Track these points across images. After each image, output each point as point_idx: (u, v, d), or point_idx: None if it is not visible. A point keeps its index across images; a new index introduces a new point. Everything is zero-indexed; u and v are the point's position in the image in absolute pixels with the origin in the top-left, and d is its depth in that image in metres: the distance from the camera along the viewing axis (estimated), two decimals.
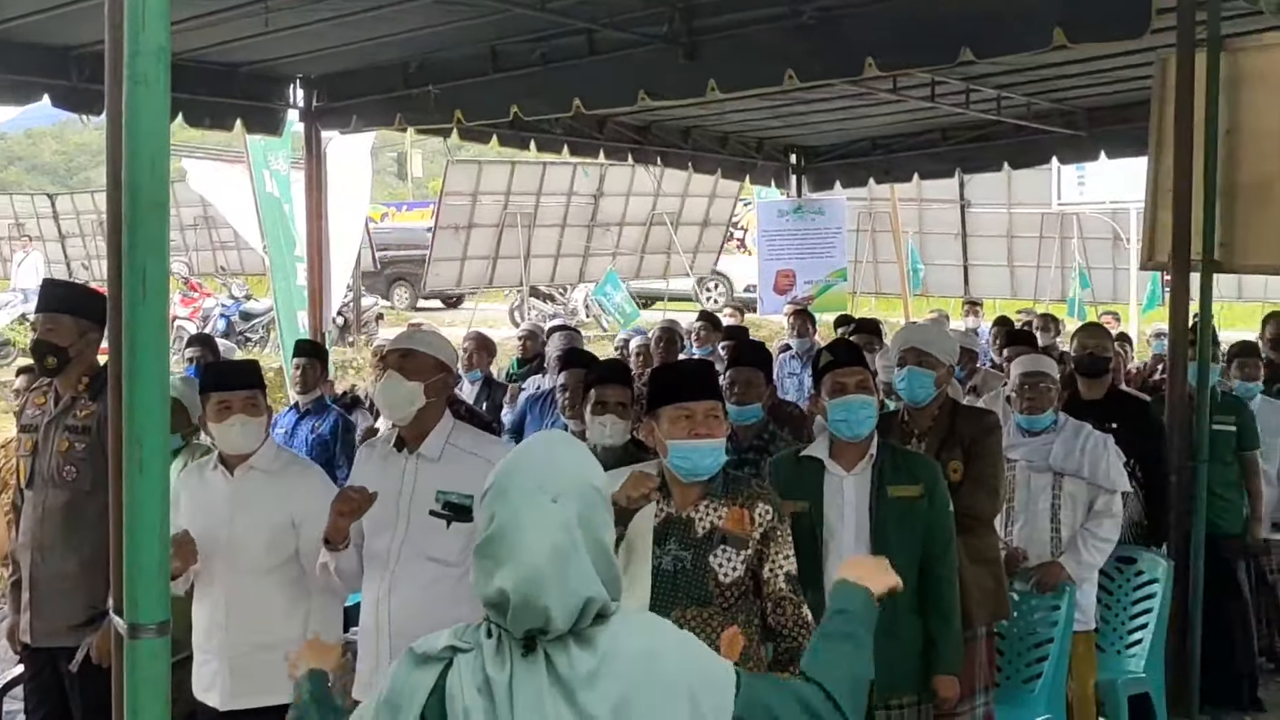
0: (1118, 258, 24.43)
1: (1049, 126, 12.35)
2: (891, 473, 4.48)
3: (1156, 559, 6.26)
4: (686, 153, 13.63)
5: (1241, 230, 6.97)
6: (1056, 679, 5.53)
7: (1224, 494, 7.09)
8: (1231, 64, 6.94)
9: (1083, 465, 5.69)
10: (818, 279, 15.67)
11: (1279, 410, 7.76)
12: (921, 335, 5.32)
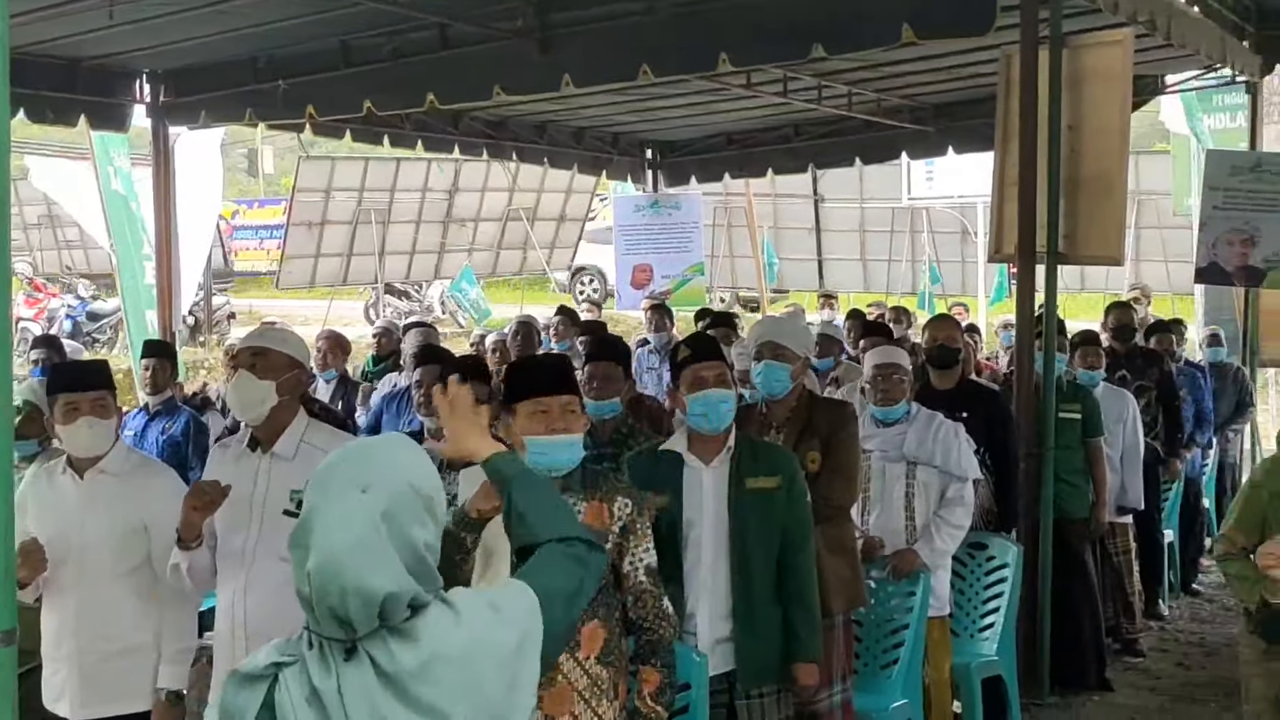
0: (966, 251, 24.92)
1: (899, 122, 12.56)
2: (750, 465, 4.51)
3: (1006, 544, 6.40)
4: (542, 148, 13.60)
5: (1084, 223, 7.17)
6: (912, 664, 5.63)
7: (1070, 480, 7.28)
8: (1073, 61, 7.13)
9: (935, 454, 5.80)
10: (675, 274, 15.73)
11: (1121, 398, 8.00)
12: (777, 329, 5.37)
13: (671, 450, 4.60)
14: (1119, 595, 8.04)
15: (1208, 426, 9.69)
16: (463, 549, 3.67)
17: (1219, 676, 7.53)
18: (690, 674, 4.27)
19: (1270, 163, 10.12)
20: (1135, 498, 8.01)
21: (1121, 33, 7.39)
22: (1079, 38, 7.37)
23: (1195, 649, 8.21)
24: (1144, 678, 7.63)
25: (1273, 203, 9.82)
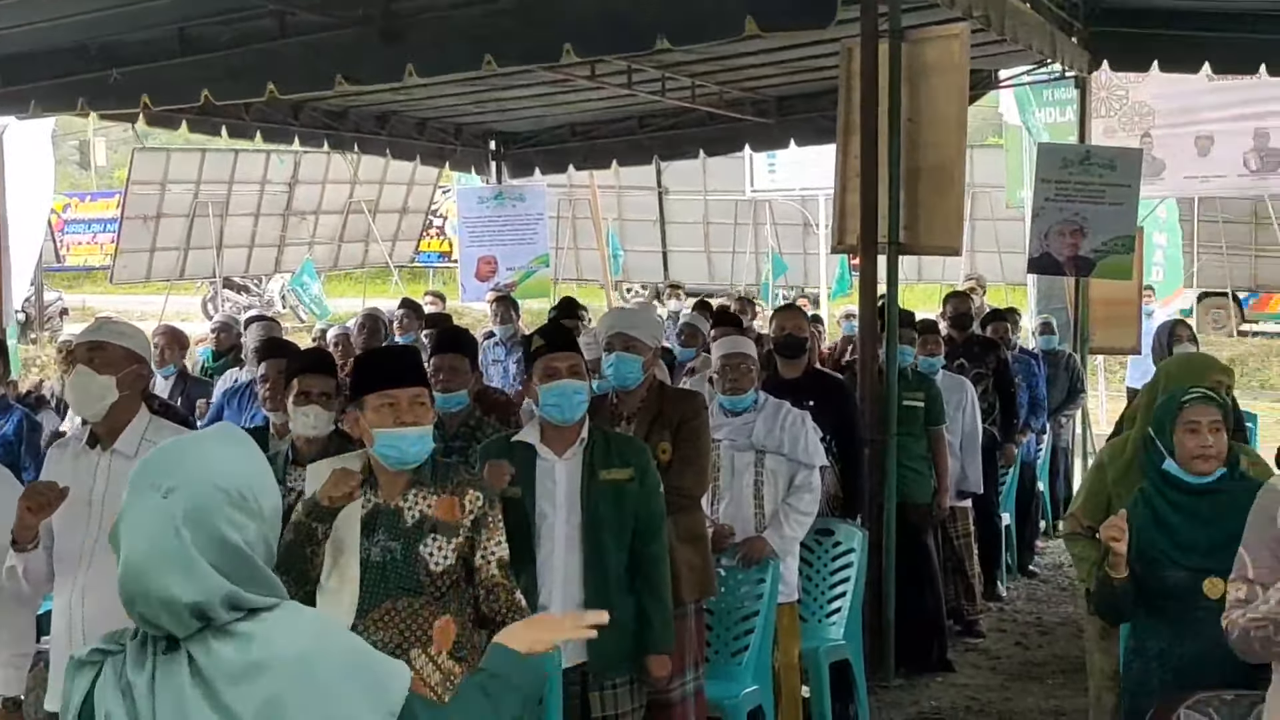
0: (808, 243, 25.30)
1: (742, 115, 12.67)
2: (602, 456, 4.51)
3: (853, 530, 6.50)
4: (384, 139, 13.43)
5: (924, 214, 7.32)
6: (762, 651, 5.68)
7: (913, 466, 7.43)
8: (912, 54, 7.27)
9: (783, 442, 5.86)
10: (520, 265, 15.66)
11: (959, 385, 8.18)
12: (629, 320, 5.37)
13: (524, 442, 4.58)
14: (959, 578, 8.22)
15: (1042, 412, 9.95)
16: (314, 540, 3.62)
17: (1055, 654, 7.77)
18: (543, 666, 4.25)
19: (1099, 156, 10.43)
20: (974, 482, 8.21)
21: (958, 27, 7.54)
22: (917, 32, 7.52)
23: (1032, 628, 8.44)
24: (984, 658, 7.81)
25: (1101, 195, 10.13)
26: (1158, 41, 10.80)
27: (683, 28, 7.36)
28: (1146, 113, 15.24)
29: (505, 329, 10.41)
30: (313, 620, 2.26)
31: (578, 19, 7.60)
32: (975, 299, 11.73)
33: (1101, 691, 4.94)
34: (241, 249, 23.81)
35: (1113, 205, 10.13)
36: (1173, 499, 4.06)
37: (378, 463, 3.78)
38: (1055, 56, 10.14)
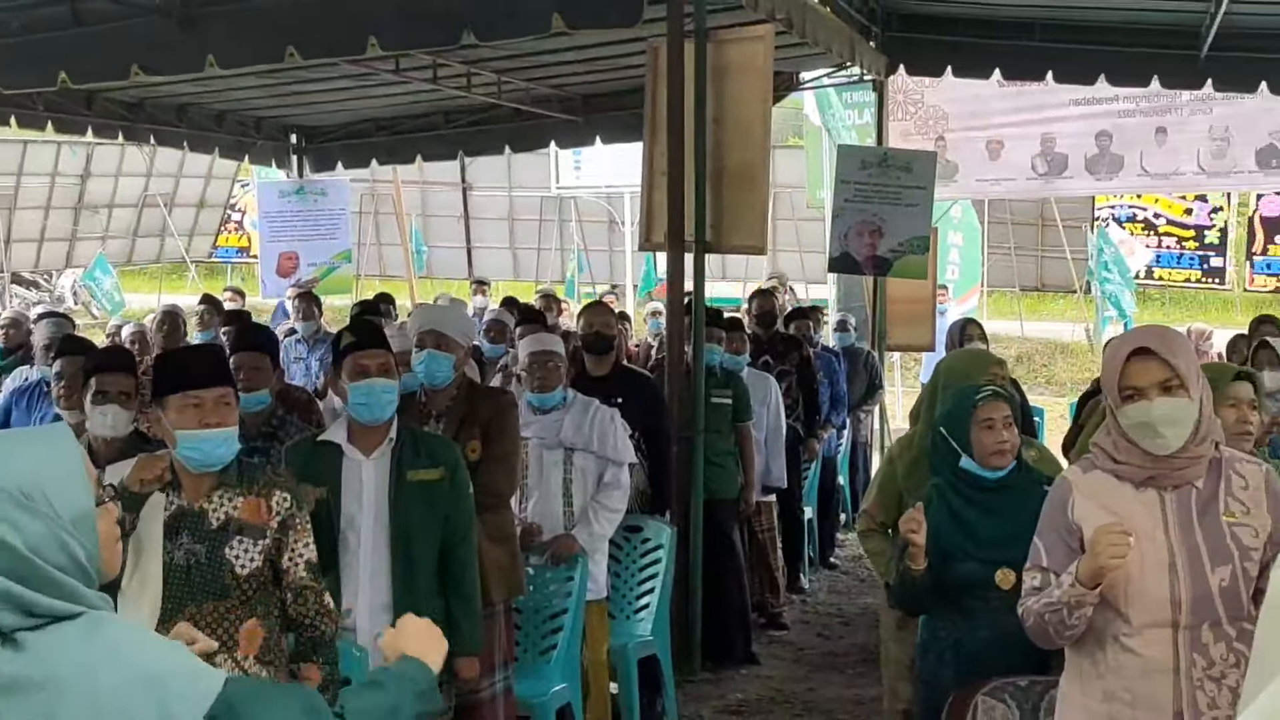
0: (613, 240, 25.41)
1: (548, 111, 12.66)
2: (411, 456, 4.45)
3: (661, 526, 6.54)
4: (181, 131, 13.08)
5: (729, 213, 7.41)
6: (571, 648, 5.68)
7: (720, 462, 7.50)
8: (717, 54, 7.36)
9: (592, 440, 5.86)
10: (322, 261, 15.40)
11: (764, 381, 8.29)
12: (440, 317, 5.33)
13: (330, 441, 4.50)
14: (764, 571, 8.34)
15: (842, 408, 10.14)
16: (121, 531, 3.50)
17: (855, 644, 7.95)
18: (351, 670, 4.19)
19: (895, 158, 10.71)
20: (779, 477, 8.33)
21: (762, 29, 7.66)
22: (722, 33, 7.61)
23: (834, 619, 8.62)
24: (788, 649, 7.95)
25: (897, 196, 10.39)
26: (951, 48, 11.15)
27: (489, 23, 7.32)
28: (941, 117, 15.71)
29: (307, 326, 10.21)
30: (114, 634, 2.11)
31: (383, 12, 7.49)
32: (779, 297, 11.91)
33: (896, 682, 5.06)
34: (31, 243, 22.98)
35: (909, 206, 10.41)
36: (967, 494, 4.18)
37: (181, 464, 3.69)
38: (854, 60, 10.39)
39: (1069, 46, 10.87)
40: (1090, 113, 15.48)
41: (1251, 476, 3.18)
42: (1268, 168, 15.48)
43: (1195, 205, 23.83)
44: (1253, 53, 10.57)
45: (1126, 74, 11.22)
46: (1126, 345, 3.19)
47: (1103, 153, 15.76)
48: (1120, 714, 3.10)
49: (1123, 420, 3.13)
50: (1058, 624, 3.10)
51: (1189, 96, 14.68)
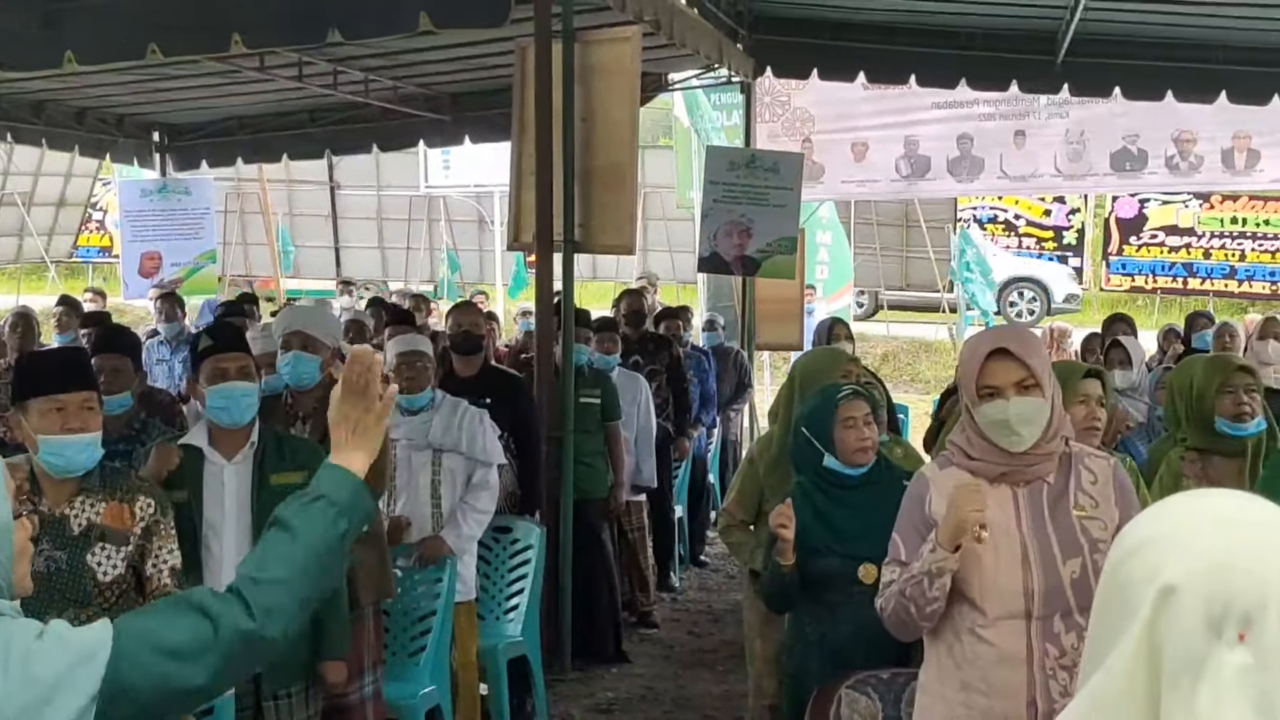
0: (483, 240, 25.32)
1: (416, 110, 12.58)
2: (275, 459, 4.39)
3: (530, 526, 6.54)
4: (39, 128, 12.74)
5: (598, 213, 7.43)
6: (440, 650, 5.66)
7: (590, 461, 7.53)
8: (585, 55, 7.37)
9: (460, 441, 5.84)
10: (185, 262, 15.12)
11: (634, 381, 8.33)
12: (306, 318, 5.27)
13: (191, 445, 4.42)
14: (634, 570, 8.39)
15: (712, 407, 10.23)
16: None
17: (725, 641, 8.02)
18: None
19: (763, 159, 10.82)
20: (649, 477, 8.38)
21: (629, 30, 7.69)
22: (590, 33, 7.63)
23: (704, 616, 8.69)
24: (658, 647, 8.00)
25: (765, 197, 10.49)
26: (817, 51, 11.30)
27: (355, 22, 7.26)
28: (807, 119, 15.91)
29: (170, 327, 10.02)
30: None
31: (247, 9, 7.40)
32: (648, 297, 11.97)
33: (762, 677, 5.13)
34: None
35: (776, 207, 10.52)
36: (829, 491, 4.26)
37: (42, 470, 3.61)
38: (722, 62, 10.48)
39: (931, 51, 11.08)
40: (952, 116, 15.79)
41: (1100, 471, 3.28)
42: (1121, 170, 15.93)
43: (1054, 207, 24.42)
44: (1107, 58, 10.88)
45: (986, 78, 11.47)
46: (984, 345, 3.27)
47: (964, 155, 16.08)
48: (976, 703, 3.18)
49: (980, 419, 3.21)
50: (918, 597, 3.16)
51: (1046, 100, 15.04)
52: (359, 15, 7.22)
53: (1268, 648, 1.21)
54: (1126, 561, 1.32)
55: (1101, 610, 1.35)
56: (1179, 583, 1.25)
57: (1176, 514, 1.34)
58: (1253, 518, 1.30)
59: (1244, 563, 1.24)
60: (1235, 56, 10.75)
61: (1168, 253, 23.78)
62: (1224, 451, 4.65)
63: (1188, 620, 1.24)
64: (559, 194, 7.14)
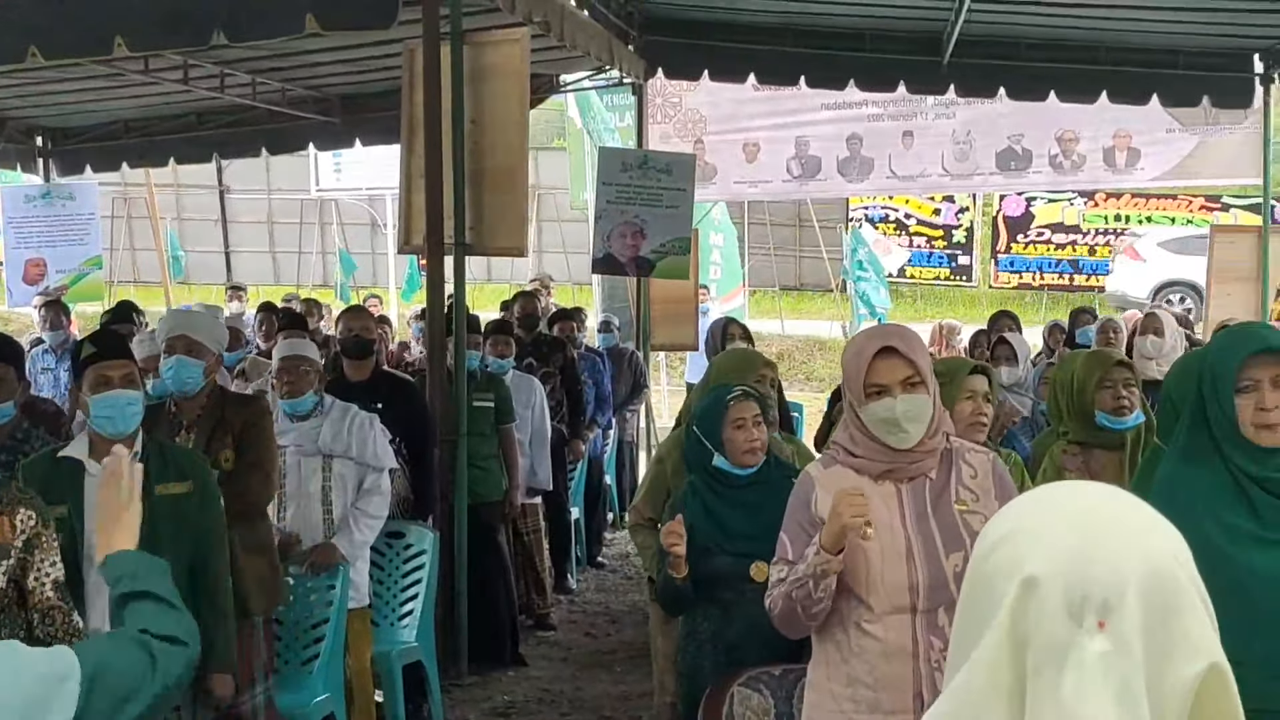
0: (376, 243, 25.15)
1: (305, 113, 12.46)
2: (159, 470, 4.31)
3: (424, 531, 6.51)
4: None
5: (489, 215, 7.40)
6: (334, 658, 5.62)
7: (484, 465, 7.50)
8: (474, 57, 7.35)
9: (351, 446, 5.80)
10: (71, 268, 14.83)
11: (528, 383, 8.32)
12: (190, 323, 5.19)
13: (71, 456, 4.33)
14: (530, 573, 8.37)
15: (607, 408, 10.25)
16: None
17: (623, 641, 8.04)
18: None
19: (655, 161, 10.85)
20: (544, 479, 8.38)
21: (518, 32, 7.67)
22: (479, 35, 7.60)
23: (601, 618, 8.70)
24: (556, 650, 8.00)
25: (658, 198, 10.53)
26: (708, 52, 11.37)
27: (241, 23, 7.15)
28: (699, 120, 15.98)
29: (55, 335, 9.83)
30: None
31: (130, 11, 7.27)
32: (542, 298, 11.95)
33: (664, 675, 5.15)
34: None
35: (669, 208, 10.56)
36: (720, 491, 4.29)
37: None
38: (613, 63, 10.50)
39: (820, 52, 11.20)
40: (841, 117, 15.94)
41: (980, 466, 3.34)
42: (1007, 170, 16.20)
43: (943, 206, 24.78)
44: (991, 59, 11.08)
45: (874, 79, 11.62)
46: (871, 344, 3.31)
47: (854, 155, 16.25)
48: (863, 697, 3.22)
49: (868, 416, 3.25)
50: (804, 599, 3.19)
51: (933, 101, 15.24)
52: (244, 17, 7.11)
53: (1127, 634, 1.24)
54: (989, 556, 1.36)
55: (966, 604, 1.38)
56: (1040, 574, 1.28)
57: (1036, 508, 1.37)
58: (1109, 510, 1.34)
59: (1102, 553, 1.28)
60: (1115, 57, 11.00)
61: (1054, 250, 24.24)
62: (1104, 444, 4.75)
63: (1049, 610, 1.27)
64: (449, 196, 7.11)
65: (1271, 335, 3.23)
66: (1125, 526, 1.32)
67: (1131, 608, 1.25)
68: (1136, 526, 1.33)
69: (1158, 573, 1.28)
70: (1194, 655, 1.27)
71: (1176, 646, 1.26)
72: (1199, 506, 3.16)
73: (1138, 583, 1.26)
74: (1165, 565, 1.29)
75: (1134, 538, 1.31)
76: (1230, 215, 22.57)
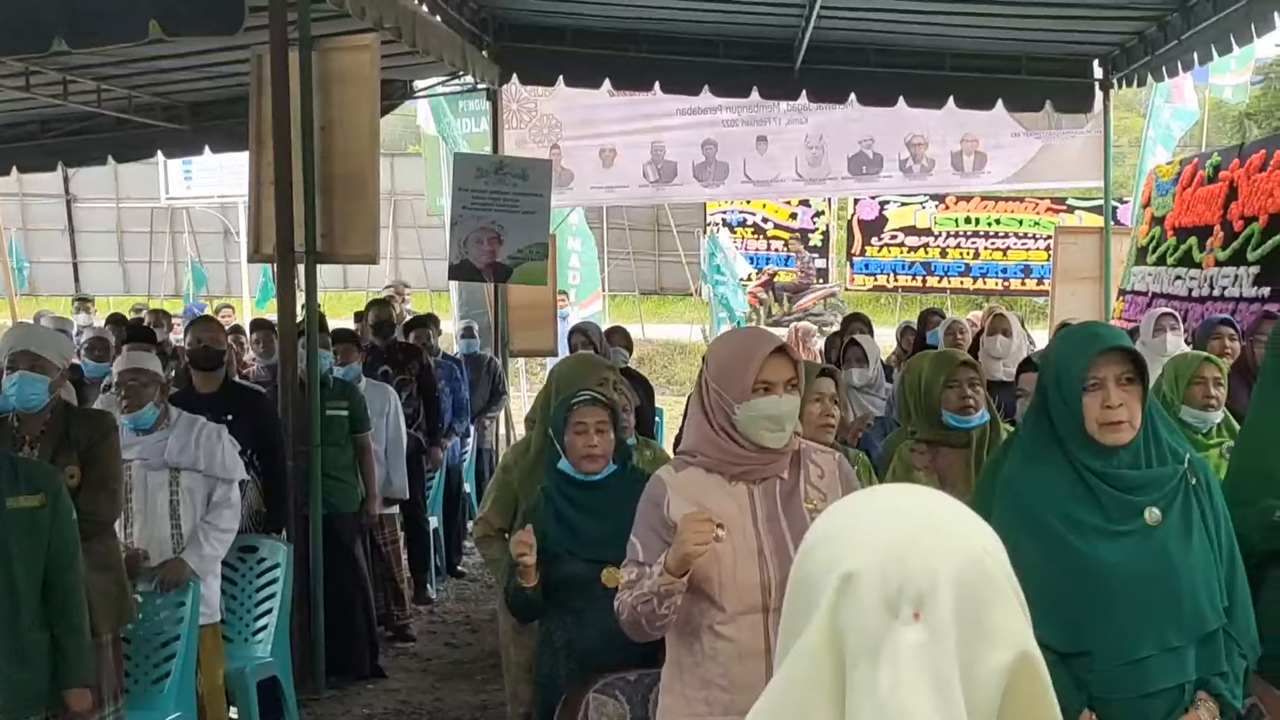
0: (229, 251, 24.74)
1: (153, 120, 12.22)
2: (10, 483, 4.23)
3: (278, 544, 6.41)
4: None
5: (340, 222, 7.33)
6: (185, 675, 5.51)
7: (339, 475, 7.41)
8: (323, 63, 7.27)
9: (198, 458, 5.68)
10: None
11: (383, 392, 8.24)
12: (35, 338, 5.06)
13: None
14: (389, 584, 8.29)
15: (465, 415, 10.19)
16: None
17: (484, 651, 7.99)
18: None
19: (511, 166, 10.84)
20: (400, 488, 8.30)
21: (368, 38, 7.61)
22: (328, 41, 7.52)
23: (462, 627, 8.65)
24: (415, 661, 7.93)
25: (515, 204, 10.52)
26: (563, 58, 11.38)
27: (82, 30, 6.99)
28: (555, 125, 16.00)
29: None
30: None
31: None
32: (397, 305, 11.86)
33: (517, 685, 5.12)
34: None
35: (526, 214, 10.56)
36: (570, 495, 4.29)
37: None
38: (467, 69, 10.46)
39: (674, 58, 11.28)
40: (696, 122, 16.08)
41: (826, 465, 3.39)
42: (859, 174, 16.48)
43: (800, 210, 25.14)
44: (841, 65, 11.26)
45: (728, 85, 11.73)
46: (764, 343, 3.31)
47: (709, 160, 16.40)
48: (717, 699, 3.24)
49: (748, 413, 3.24)
50: (649, 614, 3.21)
51: (786, 106, 15.46)
52: (86, 23, 6.95)
53: (941, 625, 1.28)
54: (810, 555, 1.39)
55: (790, 602, 1.41)
56: (857, 569, 1.31)
57: (854, 508, 1.41)
58: (924, 507, 1.38)
59: (916, 547, 1.31)
60: (961, 64, 11.26)
61: (907, 252, 24.72)
62: (951, 443, 4.84)
63: (866, 603, 1.30)
64: (299, 204, 7.03)
65: (1115, 335, 3.34)
66: (939, 521, 1.36)
67: (945, 599, 1.29)
68: (950, 521, 1.36)
69: (970, 565, 1.32)
70: (1005, 644, 1.30)
71: (988, 636, 1.30)
72: (1046, 502, 3.26)
73: (950, 574, 1.30)
74: (977, 557, 1.33)
75: (947, 532, 1.34)
76: (1075, 217, 23.22)
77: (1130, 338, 4.35)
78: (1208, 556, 3.22)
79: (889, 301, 25.69)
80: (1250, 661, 3.28)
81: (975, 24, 10.34)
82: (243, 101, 9.43)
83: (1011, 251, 24.29)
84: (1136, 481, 3.21)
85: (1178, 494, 3.23)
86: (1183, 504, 3.23)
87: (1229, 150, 11.14)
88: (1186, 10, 9.35)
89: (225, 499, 5.73)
